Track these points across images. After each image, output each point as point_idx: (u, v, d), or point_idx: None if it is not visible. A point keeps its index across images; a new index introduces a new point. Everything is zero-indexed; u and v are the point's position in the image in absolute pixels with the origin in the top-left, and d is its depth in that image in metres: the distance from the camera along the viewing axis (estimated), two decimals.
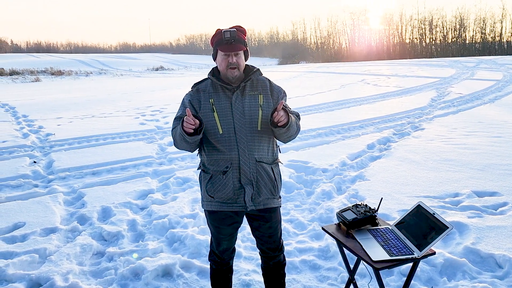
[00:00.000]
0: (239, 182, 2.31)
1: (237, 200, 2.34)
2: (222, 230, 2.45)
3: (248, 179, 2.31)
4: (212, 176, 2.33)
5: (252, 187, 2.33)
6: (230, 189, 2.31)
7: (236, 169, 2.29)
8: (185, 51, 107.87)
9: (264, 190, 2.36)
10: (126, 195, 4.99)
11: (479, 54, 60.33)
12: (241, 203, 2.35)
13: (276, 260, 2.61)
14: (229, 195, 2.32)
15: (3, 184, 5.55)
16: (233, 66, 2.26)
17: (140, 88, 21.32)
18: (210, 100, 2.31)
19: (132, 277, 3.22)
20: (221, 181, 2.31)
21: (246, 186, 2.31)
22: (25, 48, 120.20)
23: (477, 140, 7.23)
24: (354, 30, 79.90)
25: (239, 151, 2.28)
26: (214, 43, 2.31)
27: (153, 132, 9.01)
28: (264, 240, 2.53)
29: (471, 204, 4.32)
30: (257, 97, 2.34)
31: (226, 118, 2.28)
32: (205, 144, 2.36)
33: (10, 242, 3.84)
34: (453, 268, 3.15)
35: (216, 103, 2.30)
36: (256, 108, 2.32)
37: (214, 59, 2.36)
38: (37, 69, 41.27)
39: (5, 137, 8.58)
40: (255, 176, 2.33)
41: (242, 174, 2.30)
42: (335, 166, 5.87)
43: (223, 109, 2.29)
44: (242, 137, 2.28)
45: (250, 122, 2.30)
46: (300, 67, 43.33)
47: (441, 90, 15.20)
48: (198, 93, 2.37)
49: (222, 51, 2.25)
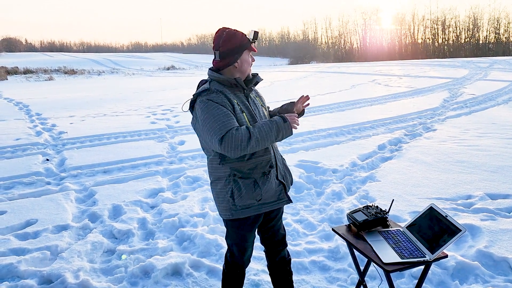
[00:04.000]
0: (277, 179, 2.38)
1: (279, 196, 2.38)
2: (248, 237, 2.41)
3: (282, 174, 2.43)
4: (255, 180, 2.25)
5: (285, 180, 2.44)
6: (273, 187, 2.35)
7: (275, 167, 2.37)
8: (196, 51, 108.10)
9: (289, 183, 2.51)
10: (136, 194, 5.02)
11: (492, 54, 59.41)
12: (284, 198, 2.40)
13: (281, 255, 2.61)
14: (272, 193, 2.34)
15: (16, 181, 5.63)
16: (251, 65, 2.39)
17: (152, 87, 21.46)
18: (235, 100, 2.24)
19: (142, 275, 3.24)
20: (265, 182, 2.29)
21: (283, 181, 2.42)
22: (39, 47, 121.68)
23: (490, 142, 7.12)
24: (365, 30, 79.35)
25: (273, 150, 2.39)
26: (237, 46, 2.23)
27: (163, 131, 9.06)
28: (271, 233, 2.55)
29: (484, 207, 4.25)
30: (259, 98, 2.50)
31: (253, 118, 2.29)
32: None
33: (22, 239, 3.89)
34: (465, 272, 3.11)
35: (240, 104, 2.28)
36: (263, 108, 2.47)
37: (232, 62, 2.25)
38: (51, 68, 41.75)
39: (19, 135, 8.71)
40: (284, 171, 2.46)
41: (279, 171, 2.40)
42: (345, 167, 5.83)
43: (247, 109, 2.30)
44: None
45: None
46: (310, 67, 43.19)
47: (453, 91, 15.02)
48: (223, 93, 2.20)
49: (253, 50, 2.32)
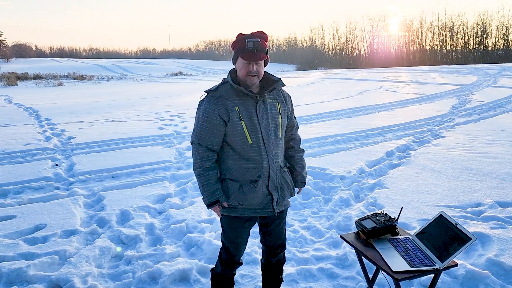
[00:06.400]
0: (267, 189, 2.36)
1: (266, 205, 2.39)
2: (242, 233, 2.50)
3: (275, 185, 2.38)
4: (242, 185, 2.33)
5: (278, 192, 2.40)
6: (260, 196, 2.35)
7: (266, 177, 2.34)
8: (204, 57, 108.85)
9: (286, 194, 2.47)
10: (144, 199, 5.04)
11: (501, 61, 59.02)
12: (269, 209, 2.41)
13: (278, 257, 2.69)
14: (259, 201, 2.36)
15: (26, 186, 5.68)
16: (253, 74, 2.27)
17: (159, 93, 21.60)
18: (235, 108, 2.28)
19: (149, 281, 3.24)
20: (251, 190, 2.33)
21: (273, 192, 2.38)
22: (49, 53, 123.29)
23: (500, 149, 7.06)
24: (373, 36, 79.28)
25: (269, 160, 2.33)
26: (236, 49, 2.30)
27: (171, 137, 9.10)
28: (273, 238, 2.61)
29: (494, 215, 4.21)
30: (276, 104, 2.41)
31: (253, 127, 2.29)
32: (232, 153, 2.35)
33: (31, 244, 3.91)
34: (475, 280, 3.07)
35: (242, 111, 2.28)
36: (277, 116, 2.38)
37: (234, 63, 2.36)
38: (60, 74, 42.23)
39: (28, 140, 8.79)
40: (280, 182, 2.42)
41: (270, 181, 2.36)
42: (353, 173, 5.81)
43: (250, 117, 2.29)
44: (270, 146, 2.33)
45: (275, 130, 2.36)
46: (318, 73, 43.21)
47: (462, 98, 14.93)
48: (222, 100, 2.29)
49: (243, 59, 2.24)
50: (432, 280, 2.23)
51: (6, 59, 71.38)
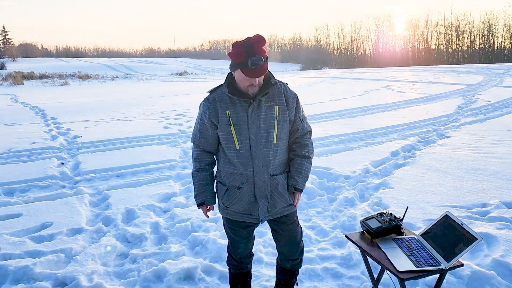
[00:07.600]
0: (254, 196, 2.33)
1: (252, 212, 2.38)
2: (238, 232, 2.51)
3: (263, 193, 2.32)
4: (228, 189, 2.37)
5: (267, 200, 2.34)
6: (245, 202, 2.35)
7: (251, 185, 2.31)
8: (209, 56, 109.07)
9: (279, 201, 2.37)
10: (149, 198, 5.06)
11: (508, 60, 58.66)
12: (255, 216, 2.38)
13: (294, 263, 2.62)
14: (244, 207, 2.36)
15: (32, 185, 5.73)
16: (255, 85, 2.20)
17: (164, 92, 21.66)
18: (226, 112, 2.25)
19: (154, 279, 3.26)
20: (236, 195, 2.34)
21: (260, 200, 2.33)
22: (55, 52, 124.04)
23: (506, 149, 7.01)
24: (378, 36, 79.06)
25: (253, 168, 2.27)
26: (235, 62, 2.15)
27: (176, 136, 9.12)
28: (283, 243, 2.55)
29: (500, 215, 4.18)
30: (273, 108, 2.27)
31: (242, 132, 2.24)
32: (222, 155, 2.37)
33: (37, 242, 3.94)
34: (480, 281, 3.05)
35: (233, 115, 2.24)
36: (272, 121, 2.26)
37: (232, 71, 2.23)
38: (66, 73, 42.44)
39: (34, 139, 8.85)
40: (270, 190, 2.33)
41: (257, 188, 2.31)
42: (358, 173, 5.80)
43: (239, 121, 2.24)
44: (258, 152, 2.26)
45: (267, 136, 2.26)
46: (323, 72, 43.13)
47: (468, 97, 14.84)
48: (214, 103, 2.28)
49: (245, 75, 2.11)
50: (438, 280, 2.23)
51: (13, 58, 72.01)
